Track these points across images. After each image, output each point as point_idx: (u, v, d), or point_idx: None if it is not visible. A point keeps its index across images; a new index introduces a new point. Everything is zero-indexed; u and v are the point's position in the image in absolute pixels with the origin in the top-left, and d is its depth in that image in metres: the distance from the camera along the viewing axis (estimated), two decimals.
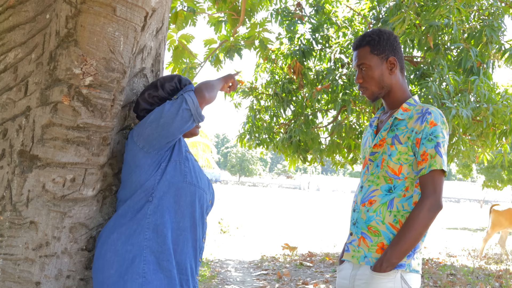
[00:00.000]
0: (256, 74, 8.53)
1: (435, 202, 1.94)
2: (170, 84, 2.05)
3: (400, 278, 1.95)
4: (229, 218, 15.52)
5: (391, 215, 2.01)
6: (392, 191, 2.03)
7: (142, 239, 1.90)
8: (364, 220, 2.06)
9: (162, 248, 1.91)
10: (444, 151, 2.00)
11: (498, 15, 6.10)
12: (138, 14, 1.95)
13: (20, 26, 1.99)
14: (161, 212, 1.93)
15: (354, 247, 2.09)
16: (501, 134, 6.74)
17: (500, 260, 9.18)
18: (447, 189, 55.78)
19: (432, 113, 2.00)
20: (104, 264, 1.90)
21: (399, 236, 1.95)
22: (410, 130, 2.01)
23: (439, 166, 1.96)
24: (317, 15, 7.72)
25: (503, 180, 19.54)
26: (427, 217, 1.93)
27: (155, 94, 2.04)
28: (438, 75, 5.93)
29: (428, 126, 1.98)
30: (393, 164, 2.03)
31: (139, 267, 1.87)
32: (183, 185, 1.97)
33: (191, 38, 5.82)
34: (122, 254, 1.89)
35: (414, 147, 2.00)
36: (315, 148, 7.83)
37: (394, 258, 1.93)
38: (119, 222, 1.94)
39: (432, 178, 1.97)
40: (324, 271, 7.24)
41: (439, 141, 1.97)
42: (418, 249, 2.01)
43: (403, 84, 2.16)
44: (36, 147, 1.91)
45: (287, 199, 35.53)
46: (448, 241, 12.62)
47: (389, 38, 2.14)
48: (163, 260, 1.91)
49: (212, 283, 6.12)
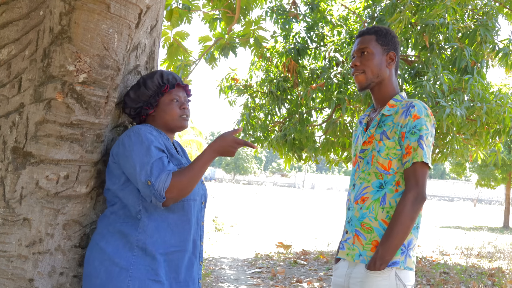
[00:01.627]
0: (251, 72, 8.52)
1: (418, 195, 1.95)
2: (152, 80, 2.04)
3: (394, 276, 1.96)
4: (224, 216, 15.52)
5: (383, 211, 2.02)
6: (383, 186, 2.04)
7: (131, 255, 1.88)
8: (357, 218, 2.07)
9: (149, 267, 1.89)
10: (428, 144, 2.00)
11: (492, 15, 6.13)
12: (132, 11, 1.95)
13: (14, 23, 1.99)
14: (150, 232, 1.90)
15: (349, 245, 2.10)
16: (495, 133, 6.78)
17: (492, 258, 9.23)
18: (441, 188, 56.02)
19: (415, 106, 2.02)
20: (91, 271, 1.89)
21: (388, 232, 1.96)
22: (396, 124, 2.03)
23: (420, 158, 1.97)
24: (312, 14, 7.73)
25: (496, 179, 19.64)
26: (411, 210, 1.94)
27: (138, 92, 2.03)
28: (433, 74, 5.95)
29: (411, 119, 2.00)
30: (383, 160, 2.05)
31: (124, 282, 1.85)
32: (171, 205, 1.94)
33: (186, 36, 5.81)
34: (109, 266, 1.87)
35: (400, 141, 2.02)
36: (310, 146, 7.84)
37: (387, 255, 1.94)
38: (107, 230, 1.92)
39: (414, 170, 1.98)
40: (318, 269, 7.26)
41: (421, 134, 1.99)
42: (411, 246, 2.02)
43: (394, 81, 2.18)
44: (30, 144, 1.90)
45: (281, 197, 35.57)
46: (441, 240, 12.68)
47: (394, 37, 2.20)
48: (149, 279, 1.88)
49: (206, 280, 6.12)
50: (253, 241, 10.58)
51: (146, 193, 1.84)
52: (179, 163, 2.00)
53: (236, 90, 8.33)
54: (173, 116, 2.06)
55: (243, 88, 8.32)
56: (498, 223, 21.41)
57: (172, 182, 1.83)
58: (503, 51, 6.08)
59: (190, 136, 25.86)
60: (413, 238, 2.02)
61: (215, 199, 24.69)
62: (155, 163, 1.85)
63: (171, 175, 1.84)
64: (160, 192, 1.81)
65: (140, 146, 1.88)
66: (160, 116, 2.06)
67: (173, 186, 1.83)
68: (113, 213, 1.94)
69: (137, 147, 1.88)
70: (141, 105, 2.04)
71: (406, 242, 2.00)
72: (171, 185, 1.83)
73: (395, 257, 1.97)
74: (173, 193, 1.83)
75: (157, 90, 2.05)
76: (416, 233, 2.04)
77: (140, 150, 1.87)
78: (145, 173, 1.83)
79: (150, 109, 2.05)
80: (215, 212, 16.16)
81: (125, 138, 1.92)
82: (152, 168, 1.84)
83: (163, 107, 2.06)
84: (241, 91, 8.32)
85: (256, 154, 8.02)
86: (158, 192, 1.81)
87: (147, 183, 1.83)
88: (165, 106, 2.06)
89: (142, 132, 1.91)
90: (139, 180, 1.85)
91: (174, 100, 2.07)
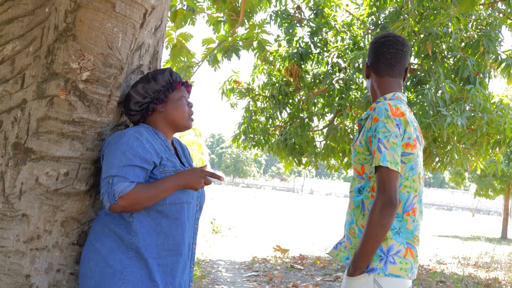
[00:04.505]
0: (253, 76, 8.54)
1: (386, 200, 1.87)
2: (163, 76, 2.02)
3: (372, 282, 1.93)
4: (222, 219, 15.51)
5: (364, 217, 2.02)
6: (361, 191, 2.05)
7: (125, 258, 1.87)
8: (348, 222, 2.11)
9: (143, 271, 1.88)
10: (389, 146, 1.92)
11: (496, 26, 6.15)
12: (137, 11, 1.95)
13: (19, 19, 2.00)
14: (143, 235, 1.89)
15: (342, 247, 2.14)
16: (495, 144, 6.79)
17: (489, 268, 9.22)
18: (440, 196, 55.94)
19: (376, 109, 1.99)
20: (86, 271, 1.89)
21: (360, 239, 1.94)
22: (367, 129, 2.02)
23: (378, 162, 1.91)
24: (316, 19, 7.74)
25: (495, 189, 19.62)
26: (379, 217, 1.87)
27: (147, 86, 2.00)
28: (435, 83, 5.97)
29: (373, 123, 1.98)
30: (356, 164, 2.07)
31: (118, 285, 1.84)
32: (163, 208, 1.92)
33: (190, 37, 5.82)
34: (103, 267, 1.86)
35: (369, 146, 2.00)
36: (310, 151, 7.85)
37: (358, 261, 1.93)
38: (103, 231, 1.91)
39: (379, 175, 1.92)
40: (315, 274, 7.25)
41: (379, 136, 1.93)
42: (393, 252, 1.95)
43: (379, 87, 2.17)
44: (31, 140, 1.91)
45: (280, 201, 35.53)
46: (438, 249, 12.66)
47: (371, 46, 2.22)
48: (143, 283, 1.87)
49: (203, 282, 6.12)
50: (251, 245, 10.57)
51: (103, 190, 1.84)
52: (173, 165, 1.98)
53: (238, 93, 8.34)
54: (182, 113, 2.05)
55: (245, 91, 8.33)
56: (496, 233, 21.38)
57: (131, 192, 1.82)
58: (506, 62, 6.09)
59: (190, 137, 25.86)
60: (394, 244, 1.95)
61: (214, 201, 24.67)
62: (126, 168, 1.84)
63: (134, 185, 1.83)
64: (115, 193, 1.80)
65: (118, 149, 1.86)
66: (169, 112, 2.03)
67: (130, 196, 1.82)
68: (107, 214, 1.93)
69: (115, 149, 1.87)
70: (149, 100, 2.01)
71: (386, 249, 1.94)
72: (129, 194, 1.81)
73: (373, 263, 1.94)
74: (126, 202, 1.81)
75: (167, 85, 2.03)
76: (398, 238, 1.96)
77: (115, 152, 1.86)
78: (111, 171, 1.83)
79: (159, 104, 2.02)
80: (213, 214, 16.15)
81: (110, 139, 1.92)
82: (119, 171, 1.83)
83: (173, 103, 2.04)
84: (243, 94, 8.33)
85: (256, 157, 8.03)
86: (113, 193, 1.80)
87: (108, 180, 1.82)
88: (175, 101, 2.04)
89: (127, 136, 1.89)
90: (104, 175, 1.85)
91: (183, 98, 2.07)
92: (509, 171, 17.64)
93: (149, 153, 1.90)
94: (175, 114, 2.04)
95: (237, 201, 28.66)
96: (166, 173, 1.94)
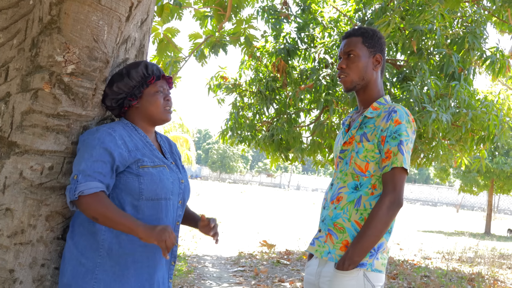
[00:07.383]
0: (240, 71, 8.52)
1: (395, 200, 1.95)
2: (136, 71, 1.97)
3: (362, 276, 1.97)
4: (208, 214, 15.49)
5: (357, 213, 2.03)
6: (358, 188, 2.05)
7: (97, 256, 1.85)
8: (331, 217, 2.08)
9: (115, 268, 1.86)
10: (407, 150, 2.00)
11: (481, 23, 6.20)
12: (123, 4, 1.94)
13: (3, 11, 1.97)
14: (116, 232, 1.85)
15: (320, 242, 2.11)
16: (479, 140, 6.87)
17: (473, 263, 9.34)
18: (425, 192, 56.46)
19: (397, 111, 2.02)
20: (62, 268, 1.89)
21: (360, 234, 1.97)
22: (377, 128, 2.03)
23: (400, 163, 1.97)
24: (303, 15, 7.75)
25: (479, 185, 19.86)
26: (386, 215, 1.94)
27: (121, 83, 1.97)
28: (420, 79, 6.01)
29: (393, 124, 2.00)
30: (360, 162, 2.06)
31: (89, 284, 1.83)
32: (139, 203, 1.89)
33: (176, 32, 5.79)
34: (76, 265, 1.85)
35: (380, 144, 2.02)
36: (297, 147, 7.86)
37: (356, 256, 1.96)
38: (78, 229, 1.89)
39: (392, 175, 1.98)
40: (301, 269, 7.28)
41: (402, 139, 1.98)
42: (381, 250, 2.02)
43: (379, 84, 2.18)
44: (15, 133, 1.89)
45: (267, 196, 35.60)
46: (423, 244, 12.79)
47: (381, 38, 2.18)
48: (115, 281, 1.85)
49: (189, 278, 6.11)
50: (237, 240, 10.58)
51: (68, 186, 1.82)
52: (152, 161, 1.94)
53: (225, 88, 8.32)
54: (157, 108, 2.01)
55: (232, 86, 8.31)
56: (479, 229, 21.66)
57: (93, 198, 1.78)
58: (491, 59, 6.16)
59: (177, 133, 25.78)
60: (384, 242, 2.03)
61: (200, 197, 24.63)
62: (95, 163, 1.81)
63: (101, 192, 1.79)
64: (76, 190, 1.77)
65: (90, 144, 1.84)
66: (145, 108, 2.00)
67: (91, 201, 1.78)
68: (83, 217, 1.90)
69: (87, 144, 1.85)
70: (124, 96, 1.99)
71: (376, 246, 2.00)
72: (91, 198, 1.78)
73: (364, 259, 1.98)
74: (84, 204, 1.78)
75: (141, 80, 1.99)
76: (387, 237, 2.04)
77: (87, 148, 1.84)
78: (80, 166, 1.81)
79: (133, 100, 1.99)
80: (200, 210, 16.13)
81: (84, 135, 1.90)
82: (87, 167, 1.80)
83: (148, 98, 2.00)
84: (230, 90, 8.31)
85: (244, 153, 8.03)
86: (74, 189, 1.77)
87: (74, 176, 1.80)
88: (149, 97, 2.00)
89: (100, 132, 1.86)
90: (73, 170, 1.83)
91: (159, 92, 2.02)
92: (493, 167, 17.86)
93: (120, 149, 1.87)
94: (150, 109, 2.00)
95: (224, 197, 28.65)
96: (144, 168, 1.90)
